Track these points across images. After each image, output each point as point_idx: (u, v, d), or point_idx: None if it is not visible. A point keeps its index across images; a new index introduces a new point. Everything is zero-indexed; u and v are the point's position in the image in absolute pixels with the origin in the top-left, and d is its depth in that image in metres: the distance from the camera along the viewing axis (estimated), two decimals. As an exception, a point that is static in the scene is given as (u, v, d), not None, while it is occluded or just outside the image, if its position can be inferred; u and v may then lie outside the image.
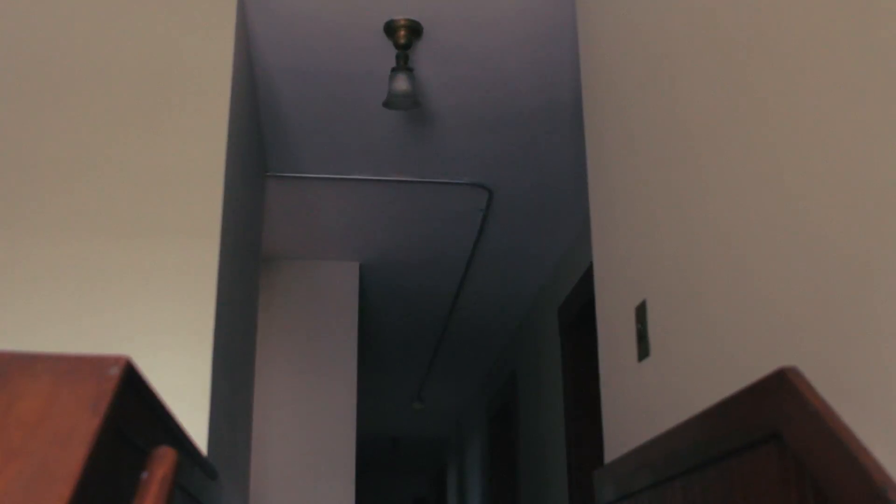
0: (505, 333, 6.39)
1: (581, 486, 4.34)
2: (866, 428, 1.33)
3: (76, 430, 1.17)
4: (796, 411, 1.38)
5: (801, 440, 1.37)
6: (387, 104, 3.25)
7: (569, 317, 4.70)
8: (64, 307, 2.49)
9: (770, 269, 1.62)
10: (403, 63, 3.24)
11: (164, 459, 1.26)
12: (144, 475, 1.25)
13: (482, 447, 7.64)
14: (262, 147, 3.91)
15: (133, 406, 1.35)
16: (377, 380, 7.65)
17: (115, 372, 1.28)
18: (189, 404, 2.47)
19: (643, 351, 2.17)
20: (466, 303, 5.82)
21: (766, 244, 1.64)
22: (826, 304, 1.44)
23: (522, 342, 6.03)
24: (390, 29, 3.22)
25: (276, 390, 4.78)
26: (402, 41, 3.22)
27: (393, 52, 3.35)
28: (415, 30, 3.22)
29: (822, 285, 1.45)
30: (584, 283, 4.42)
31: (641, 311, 2.20)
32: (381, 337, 6.53)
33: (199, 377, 2.49)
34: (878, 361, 1.30)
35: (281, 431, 4.70)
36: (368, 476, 13.28)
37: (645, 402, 2.19)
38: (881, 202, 1.30)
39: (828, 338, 1.43)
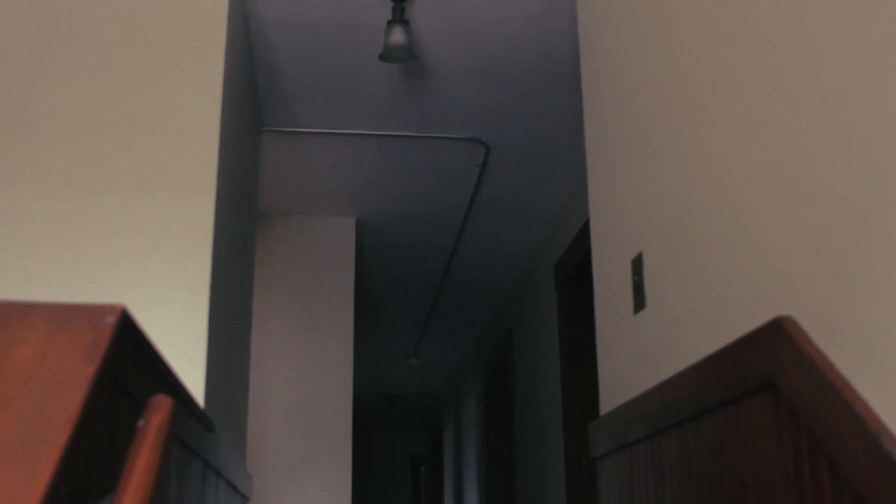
0: (501, 289, 6.40)
1: (577, 441, 4.36)
2: (860, 376, 1.33)
3: (72, 377, 1.17)
4: (791, 359, 1.38)
5: (795, 388, 1.37)
6: (383, 57, 3.23)
7: (565, 272, 4.70)
8: (59, 262, 2.49)
9: (766, 218, 1.61)
10: (399, 15, 3.22)
11: (161, 408, 1.26)
12: (141, 423, 1.25)
13: (478, 403, 7.68)
14: (257, 102, 3.89)
15: (129, 355, 1.35)
16: (373, 336, 7.67)
17: (111, 320, 1.28)
18: (186, 358, 2.47)
19: (639, 303, 2.18)
20: (463, 259, 5.82)
21: (762, 194, 1.63)
22: (822, 253, 1.44)
23: (519, 298, 6.04)
24: (386, -19, 3.20)
25: (272, 346, 4.79)
26: (398, -7, 3.19)
27: (389, 4, 3.32)
28: (411, -18, 3.19)
29: (818, 234, 1.45)
30: (581, 238, 4.41)
31: (638, 263, 2.20)
32: (377, 293, 6.53)
33: (195, 331, 2.50)
34: (873, 310, 1.30)
35: (278, 387, 4.71)
36: (365, 433, 13.35)
37: (641, 353, 2.19)
38: (877, 152, 1.29)
39: (824, 287, 1.43)
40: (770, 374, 1.45)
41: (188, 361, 2.45)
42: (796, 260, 1.51)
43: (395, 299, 6.68)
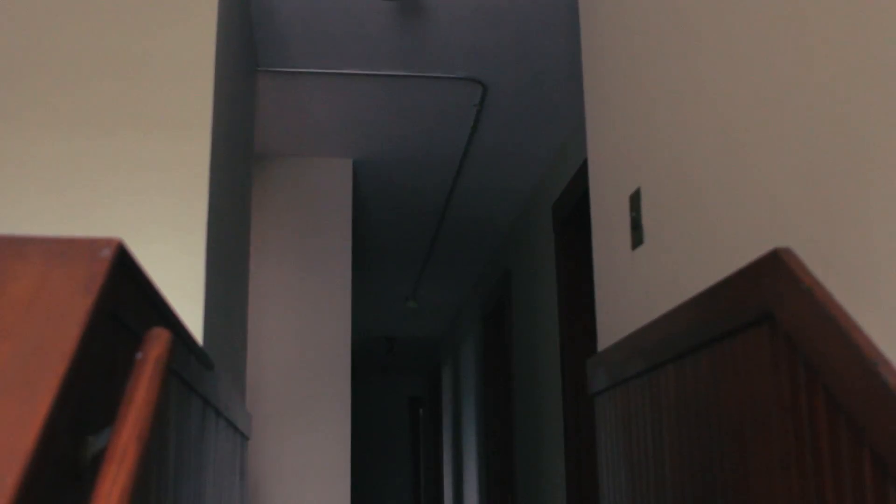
0: (499, 231, 6.40)
1: (574, 379, 4.39)
2: (859, 307, 1.33)
3: (69, 309, 1.17)
4: (789, 290, 1.38)
5: (793, 319, 1.38)
6: (378, -5, 3.19)
7: (563, 213, 4.70)
8: (54, 203, 2.48)
9: (765, 151, 1.61)
10: (395, -47, 3.18)
11: (159, 340, 1.26)
12: (139, 356, 1.25)
13: (476, 345, 7.71)
14: (252, 42, 3.85)
15: (126, 289, 1.35)
16: (371, 279, 7.68)
17: (107, 254, 1.28)
18: (183, 296, 2.47)
19: (637, 239, 2.17)
20: (460, 200, 5.81)
21: (761, 126, 1.62)
22: (821, 185, 1.43)
23: (516, 240, 6.04)
24: (381, -83, 3.15)
25: (270, 290, 4.79)
26: (394, -70, 3.15)
27: (384, -59, 3.28)
28: (406, -82, 3.15)
29: (817, 166, 1.44)
30: (579, 179, 4.40)
31: (636, 200, 2.19)
32: (374, 236, 6.53)
33: (192, 270, 2.49)
34: (871, 241, 1.30)
35: (276, 330, 4.72)
36: (364, 377, 13.43)
37: (638, 290, 2.19)
38: (878, 84, 1.28)
39: (822, 219, 1.43)
40: (768, 305, 1.45)
41: (186, 300, 2.46)
42: (795, 192, 1.51)
43: (393, 242, 6.68)
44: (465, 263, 7.22)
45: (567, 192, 4.64)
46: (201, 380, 2.20)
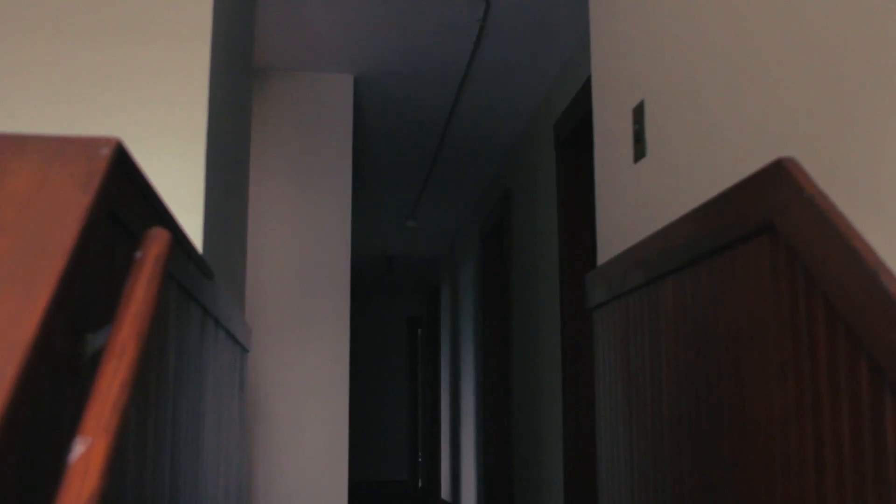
0: (500, 150, 6.37)
1: (572, 295, 4.40)
2: (862, 216, 1.33)
3: (68, 206, 1.16)
4: (791, 199, 1.38)
5: (795, 228, 1.37)
6: None
7: (564, 132, 4.67)
8: (52, 113, 2.46)
9: (771, 61, 1.59)
10: None
11: (158, 239, 1.26)
12: (138, 254, 1.24)
13: (475, 265, 7.72)
14: (252, -49, 3.79)
15: (125, 188, 1.34)
16: (371, 198, 7.67)
17: (106, 152, 1.27)
18: (183, 207, 2.46)
19: (639, 152, 2.16)
20: (462, 118, 5.77)
21: (766, 36, 1.60)
22: (827, 94, 1.42)
23: (518, 159, 6.01)
24: None
25: (270, 205, 4.78)
26: None
27: None
28: None
29: (823, 76, 1.43)
30: (581, 97, 4.37)
31: (639, 112, 2.17)
32: (375, 154, 6.50)
33: (192, 179, 2.48)
34: (877, 151, 1.29)
35: (276, 246, 4.73)
36: (363, 296, 13.48)
37: (639, 203, 2.19)
38: (890, -17, 1.26)
39: (828, 129, 1.42)
40: (770, 216, 1.44)
41: (185, 210, 2.45)
42: (800, 103, 1.49)
43: (393, 160, 6.65)
44: (466, 182, 7.19)
45: (569, 110, 4.61)
46: (201, 288, 2.21)
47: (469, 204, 7.88)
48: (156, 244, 1.25)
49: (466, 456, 8.15)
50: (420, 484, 12.52)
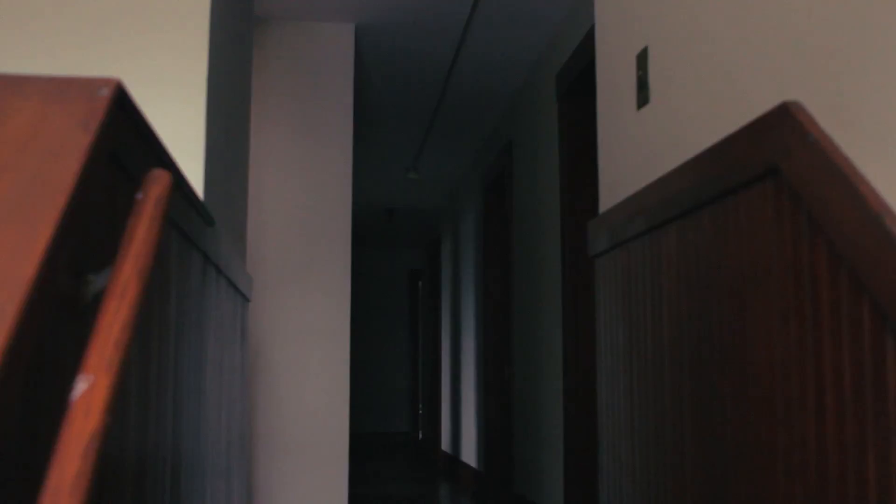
0: (502, 101, 6.33)
1: (574, 245, 4.40)
2: (868, 160, 1.32)
3: (68, 146, 1.16)
4: (796, 143, 1.37)
5: (799, 172, 1.36)
6: None
7: (567, 82, 4.64)
8: (52, 58, 2.44)
9: (774, 3, 1.57)
10: None
11: (159, 180, 1.25)
12: (139, 195, 1.24)
13: (477, 216, 7.71)
14: None
15: (125, 129, 1.33)
16: (372, 149, 7.64)
17: (106, 93, 1.26)
18: (183, 153, 2.45)
19: (643, 98, 2.15)
20: (464, 68, 5.73)
21: (775, -21, 1.58)
22: (832, 35, 1.40)
23: (519, 109, 5.99)
24: None
25: (271, 155, 4.76)
26: None
27: None
28: None
29: (827, 16, 1.41)
30: (584, 47, 4.34)
31: (642, 58, 2.15)
32: (376, 104, 6.47)
33: (193, 126, 2.47)
34: (881, 92, 1.28)
35: (277, 196, 4.71)
36: (365, 248, 13.49)
37: (642, 150, 2.18)
38: (900, -78, 1.24)
39: (833, 71, 1.40)
40: (774, 159, 1.44)
41: (186, 156, 2.44)
42: (806, 46, 1.48)
43: (395, 111, 6.61)
44: (467, 133, 7.17)
45: (571, 61, 4.58)
46: (202, 235, 2.20)
47: (470, 155, 7.86)
48: (157, 185, 1.24)
49: (467, 407, 8.20)
50: (420, 435, 12.60)
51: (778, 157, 1.42)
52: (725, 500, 1.63)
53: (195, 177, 2.44)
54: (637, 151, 2.20)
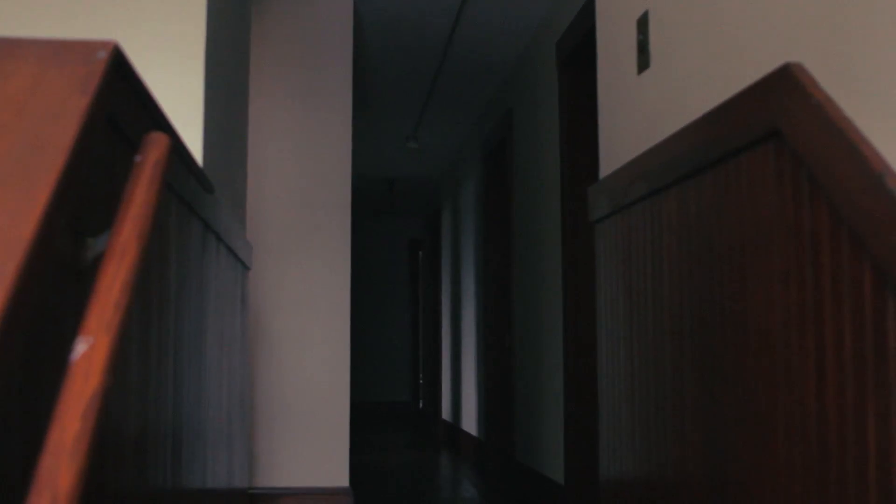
0: (502, 69, 6.31)
1: (574, 211, 4.39)
2: (869, 122, 1.31)
3: (66, 108, 1.15)
4: (798, 105, 1.36)
5: (800, 133, 1.36)
6: None
7: (567, 50, 4.62)
8: (49, 26, 2.42)
9: (780, -35, 1.56)
10: None
11: (158, 143, 1.25)
12: (137, 158, 1.23)
13: (477, 185, 7.70)
14: None
15: (122, 92, 1.33)
16: (372, 119, 7.62)
17: (103, 55, 1.25)
18: (182, 121, 2.44)
19: (643, 63, 2.13)
20: (463, 37, 5.70)
21: (777, -60, 1.57)
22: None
23: (519, 77, 5.96)
24: None
25: (270, 124, 4.75)
26: None
27: None
28: None
29: (833, -23, 1.40)
30: (584, 14, 4.31)
31: (643, 23, 2.14)
32: (376, 73, 6.44)
33: (191, 94, 2.46)
34: (884, 53, 1.27)
35: (276, 165, 4.70)
36: (365, 218, 13.48)
37: (643, 115, 2.17)
38: None
39: (835, 33, 1.40)
40: (775, 121, 1.43)
41: (184, 123, 2.43)
42: (808, 7, 1.47)
43: (394, 80, 6.59)
44: (467, 102, 7.14)
45: (571, 28, 4.56)
46: (201, 202, 2.20)
47: (470, 124, 7.84)
48: (155, 148, 1.24)
49: (467, 377, 8.22)
50: (421, 405, 12.65)
51: (779, 120, 1.41)
52: (726, 464, 1.64)
53: (194, 144, 2.43)
54: (637, 116, 2.19)
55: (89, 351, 0.97)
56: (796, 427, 1.39)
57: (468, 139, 8.20)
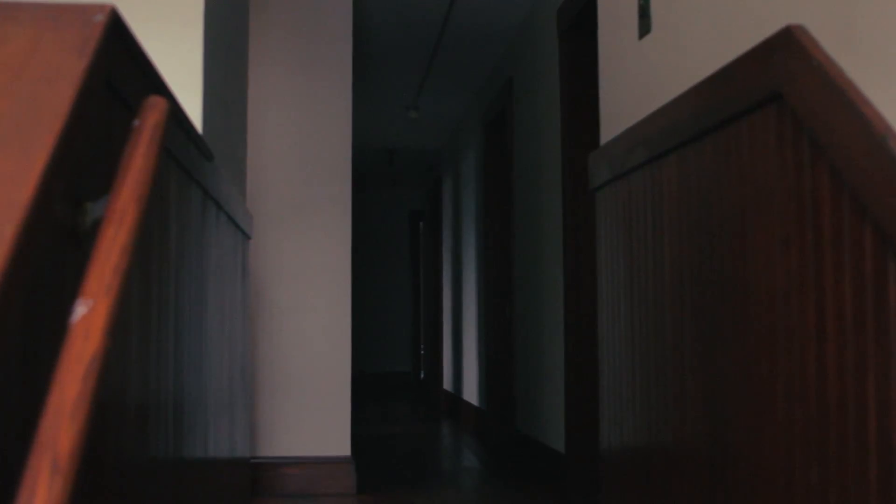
0: (502, 38, 6.28)
1: (574, 180, 4.38)
2: (872, 84, 1.31)
3: (63, 71, 1.14)
4: (800, 67, 1.35)
5: (802, 96, 1.35)
6: None
7: (568, 19, 4.60)
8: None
9: (782, -73, 1.55)
10: None
11: (156, 107, 1.24)
12: (136, 122, 1.23)
13: (477, 156, 7.69)
14: None
15: (120, 56, 1.32)
16: (372, 88, 7.59)
17: (101, 19, 1.24)
18: (181, 88, 2.43)
19: (644, 27, 2.12)
20: (464, 5, 5.67)
21: None
22: (839, -43, 1.38)
23: (520, 47, 5.94)
24: None
25: (270, 93, 4.72)
26: None
27: None
28: None
29: (836, -62, 1.39)
30: (585, -19, 4.29)
31: (644, -13, 2.13)
32: (375, 42, 6.41)
33: (190, 61, 2.45)
34: (887, 15, 1.26)
35: (277, 134, 4.68)
36: (365, 190, 13.46)
37: (644, 80, 2.16)
38: None
39: (838, -7, 1.39)
40: (777, 84, 1.42)
41: (184, 90, 2.42)
42: (811, -32, 1.46)
43: (394, 49, 6.56)
44: (468, 72, 7.11)
45: (573, -5, 4.53)
46: (201, 169, 2.19)
47: (471, 94, 7.81)
48: (154, 112, 1.23)
49: (468, 347, 8.23)
50: (422, 375, 12.68)
51: (781, 82, 1.40)
52: (726, 428, 1.64)
53: (193, 111, 2.42)
54: (638, 82, 2.18)
55: (89, 313, 0.96)
56: (796, 389, 1.39)
57: (469, 109, 8.17)
